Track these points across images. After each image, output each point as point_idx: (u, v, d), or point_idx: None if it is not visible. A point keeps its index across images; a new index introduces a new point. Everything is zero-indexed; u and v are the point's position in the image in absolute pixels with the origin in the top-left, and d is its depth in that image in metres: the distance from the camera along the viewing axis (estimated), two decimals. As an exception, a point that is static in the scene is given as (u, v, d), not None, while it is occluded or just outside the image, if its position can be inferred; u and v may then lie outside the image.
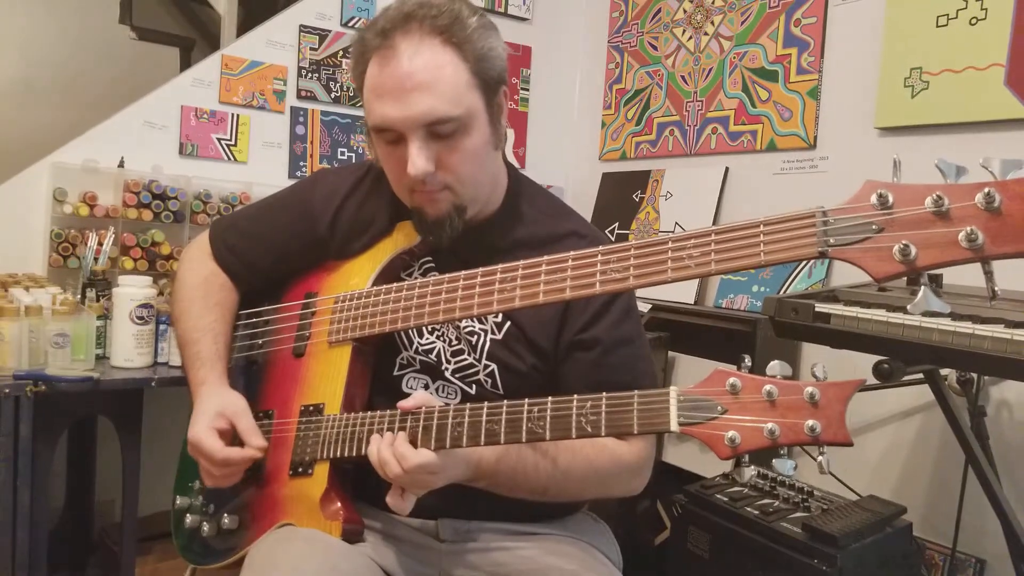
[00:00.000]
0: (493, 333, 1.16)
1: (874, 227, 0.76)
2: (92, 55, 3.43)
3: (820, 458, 0.80)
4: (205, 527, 1.20)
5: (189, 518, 1.23)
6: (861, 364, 1.34)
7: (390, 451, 0.98)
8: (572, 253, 0.97)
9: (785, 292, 2.21)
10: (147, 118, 2.27)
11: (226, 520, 1.18)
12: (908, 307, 0.75)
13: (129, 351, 1.73)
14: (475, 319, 1.16)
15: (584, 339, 1.14)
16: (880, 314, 1.35)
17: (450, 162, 1.07)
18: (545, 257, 0.99)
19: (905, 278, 0.76)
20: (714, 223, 2.20)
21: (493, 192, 1.19)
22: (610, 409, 0.89)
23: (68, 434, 2.15)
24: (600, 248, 0.95)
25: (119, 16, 3.41)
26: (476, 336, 1.16)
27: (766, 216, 0.82)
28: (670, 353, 2.29)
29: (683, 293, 2.46)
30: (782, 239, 0.80)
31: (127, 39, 3.41)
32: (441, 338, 1.18)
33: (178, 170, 2.29)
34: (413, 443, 0.98)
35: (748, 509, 1.60)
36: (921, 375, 1.51)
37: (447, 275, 1.08)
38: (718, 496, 1.66)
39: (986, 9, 1.85)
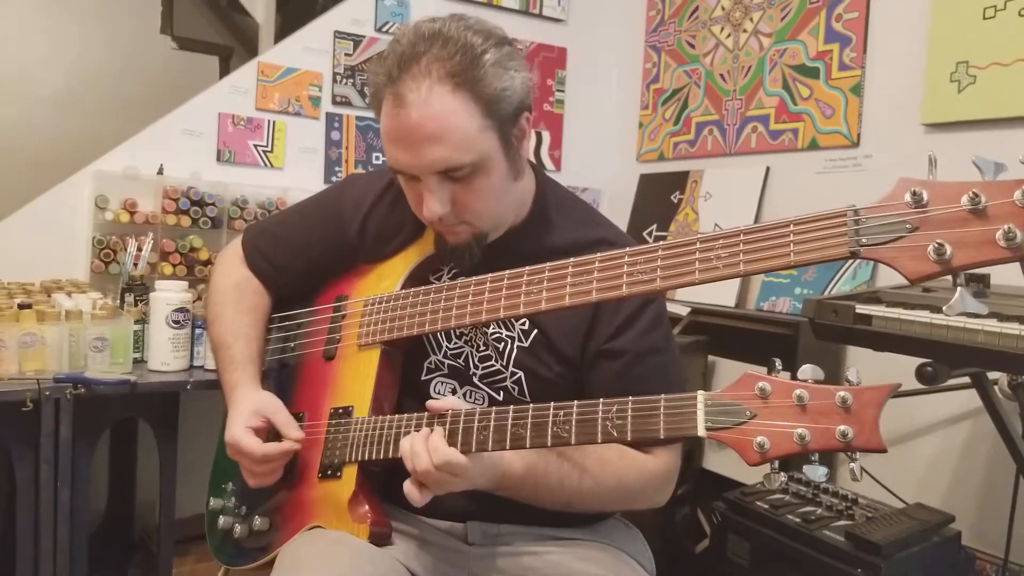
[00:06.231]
0: (520, 341, 1.14)
1: (908, 226, 0.73)
2: (134, 65, 3.51)
3: (853, 465, 0.77)
4: (237, 528, 1.21)
5: (222, 519, 1.25)
6: (905, 367, 1.29)
7: (424, 444, 0.97)
8: (599, 255, 0.96)
9: (828, 294, 2.16)
10: (186, 126, 2.31)
11: (257, 522, 1.19)
12: (944, 308, 0.72)
13: (165, 354, 1.75)
14: (502, 326, 1.15)
15: (611, 348, 1.12)
16: (923, 315, 1.30)
17: (467, 201, 1.06)
18: (572, 259, 0.98)
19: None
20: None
21: (519, 210, 1.17)
22: (636, 413, 0.87)
23: (110, 437, 2.19)
24: (627, 249, 0.94)
25: (160, 27, 3.49)
26: (503, 343, 1.15)
27: (797, 216, 0.80)
28: (710, 357, 2.24)
29: (724, 296, 2.42)
30: (812, 239, 0.78)
31: (168, 49, 3.48)
32: (469, 343, 1.17)
33: (216, 176, 2.32)
34: None
35: (789, 517, 1.56)
36: (968, 379, 1.46)
37: (474, 278, 1.08)
38: (759, 503, 1.63)
39: (1035, 0, 1.79)
